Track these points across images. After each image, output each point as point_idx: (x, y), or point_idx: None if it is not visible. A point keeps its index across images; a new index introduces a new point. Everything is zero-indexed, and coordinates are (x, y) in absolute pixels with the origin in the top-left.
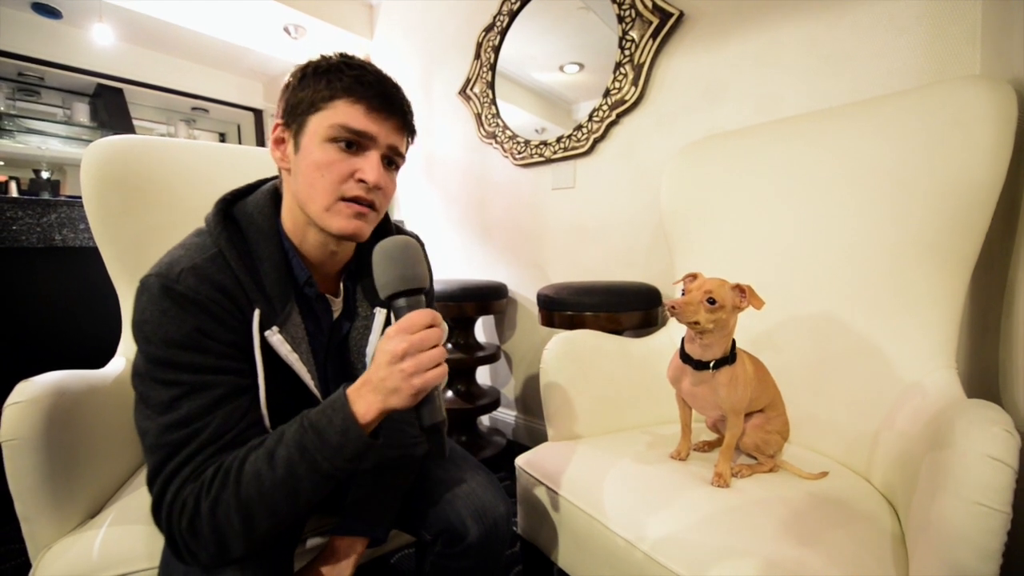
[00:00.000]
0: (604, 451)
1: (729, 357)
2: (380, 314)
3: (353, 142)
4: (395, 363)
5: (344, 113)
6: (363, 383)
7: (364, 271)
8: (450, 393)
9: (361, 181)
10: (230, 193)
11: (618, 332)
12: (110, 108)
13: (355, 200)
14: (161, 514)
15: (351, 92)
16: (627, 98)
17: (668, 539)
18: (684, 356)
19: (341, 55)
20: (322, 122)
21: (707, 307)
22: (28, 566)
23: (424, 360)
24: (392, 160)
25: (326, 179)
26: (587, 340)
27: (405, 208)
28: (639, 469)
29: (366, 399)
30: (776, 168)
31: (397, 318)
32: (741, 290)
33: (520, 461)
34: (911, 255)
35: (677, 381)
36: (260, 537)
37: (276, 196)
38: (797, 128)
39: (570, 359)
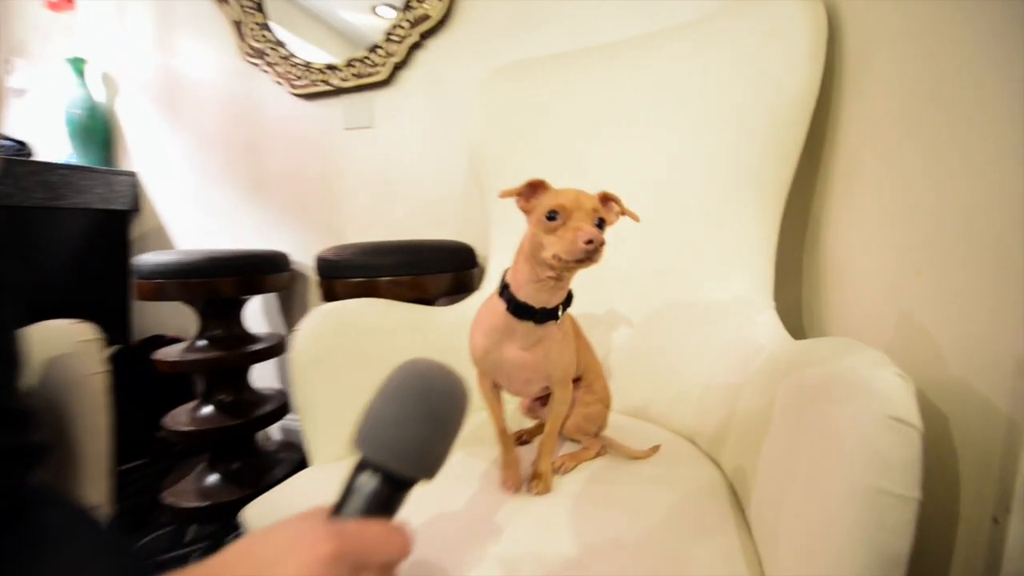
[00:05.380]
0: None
1: (568, 296)
2: None
3: None
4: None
5: None
6: None
7: None
8: (210, 408)
9: None
10: None
11: (427, 302)
12: None
13: None
14: None
15: None
16: (432, 14)
17: None
18: (520, 309)
19: None
20: None
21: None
22: None
23: None
24: None
25: None
26: (364, 312)
27: (138, 155)
28: (439, 498)
29: None
30: (595, 96)
31: (348, 504)
32: (609, 200)
33: (252, 511)
34: (732, 184)
35: (492, 352)
36: None
37: None
38: (617, 53)
39: (337, 342)
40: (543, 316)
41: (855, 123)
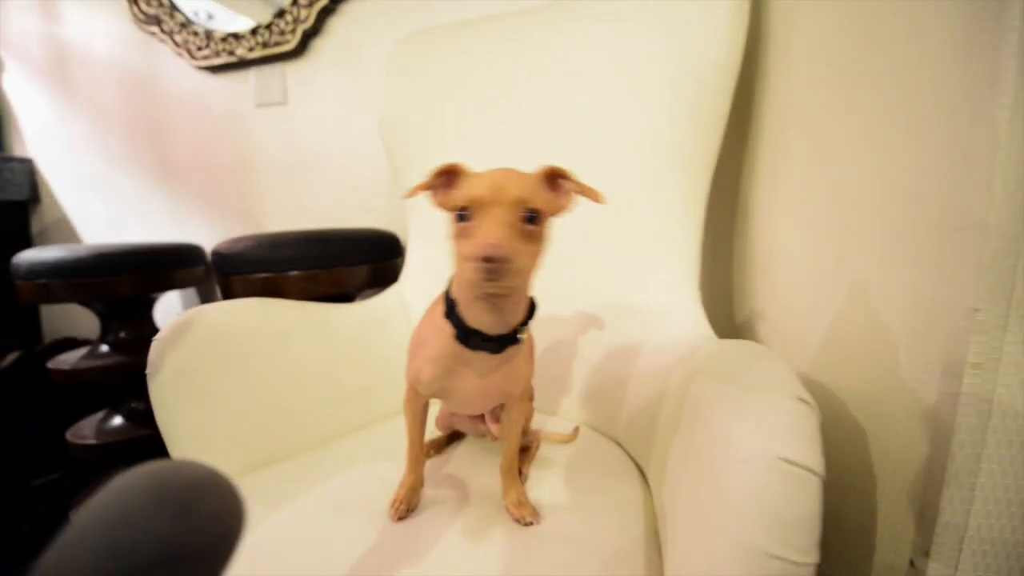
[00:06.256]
0: (283, 519)
1: (531, 305)
2: None
3: None
4: None
5: None
6: None
7: None
8: (120, 418)
9: None
10: None
11: (346, 298)
12: None
13: None
14: None
15: None
16: None
17: None
18: (471, 338)
19: None
20: None
21: (526, 232)
22: None
23: None
24: None
25: None
26: (244, 314)
27: (32, 139)
28: (347, 536)
29: None
30: (510, 67)
31: None
32: (556, 177)
33: None
34: (652, 159)
35: (440, 381)
36: None
37: None
38: (535, 19)
39: (208, 353)
40: (501, 344)
41: (781, 93)
